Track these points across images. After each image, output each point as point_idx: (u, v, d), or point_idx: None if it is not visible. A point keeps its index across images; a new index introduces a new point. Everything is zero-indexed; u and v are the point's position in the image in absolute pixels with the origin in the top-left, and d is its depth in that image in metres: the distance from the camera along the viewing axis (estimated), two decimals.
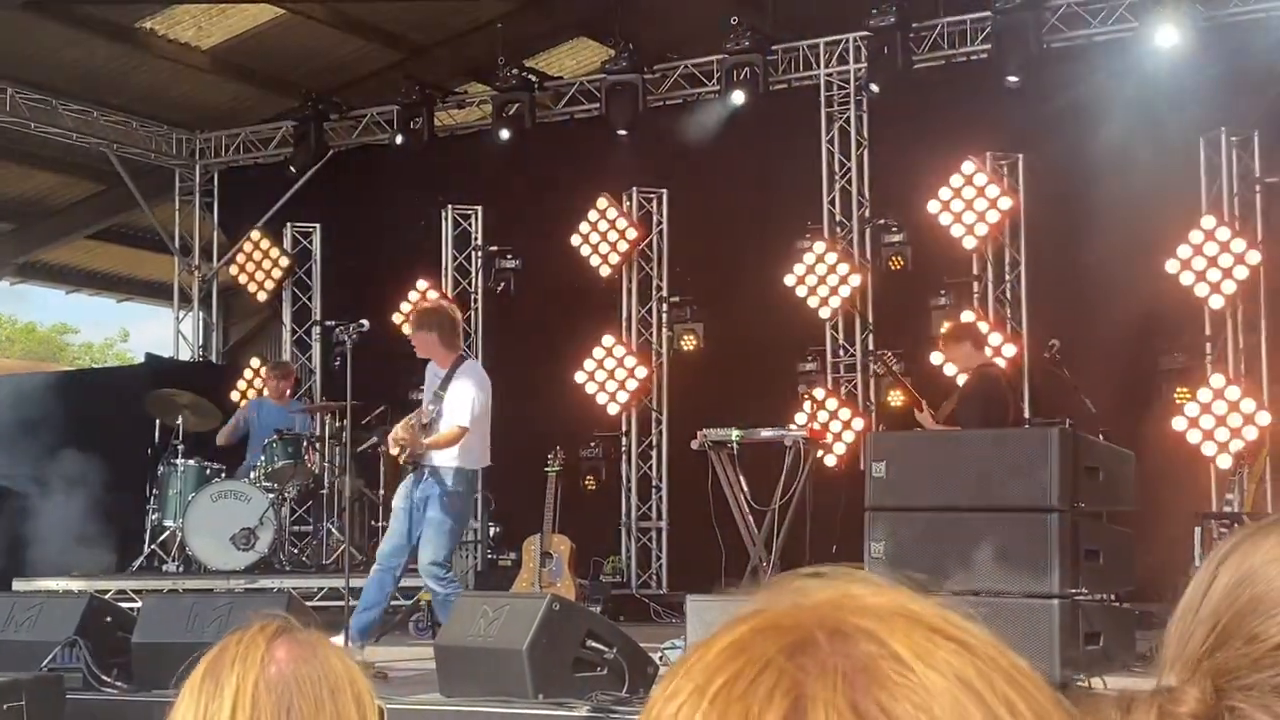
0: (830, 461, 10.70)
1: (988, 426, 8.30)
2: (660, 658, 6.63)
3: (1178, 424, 9.87)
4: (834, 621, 0.73)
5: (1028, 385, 10.78)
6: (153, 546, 11.15)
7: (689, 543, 10.95)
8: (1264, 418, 9.75)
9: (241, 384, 13.29)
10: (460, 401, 7.81)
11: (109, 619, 6.93)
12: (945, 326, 9.76)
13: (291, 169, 13.63)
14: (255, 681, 1.78)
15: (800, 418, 10.74)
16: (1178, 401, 9.97)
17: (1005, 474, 5.77)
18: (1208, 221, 10.01)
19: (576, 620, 6.22)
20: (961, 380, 8.95)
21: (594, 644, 6.06)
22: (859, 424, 11.06)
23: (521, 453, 11.05)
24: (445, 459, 7.86)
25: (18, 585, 10.15)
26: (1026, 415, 10.67)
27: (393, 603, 10.13)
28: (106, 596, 8.54)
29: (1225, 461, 9.80)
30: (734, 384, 10.94)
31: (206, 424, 11.88)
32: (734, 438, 8.66)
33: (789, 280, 11.32)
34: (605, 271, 11.95)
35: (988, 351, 9.67)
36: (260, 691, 1.77)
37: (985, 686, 0.71)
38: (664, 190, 12.07)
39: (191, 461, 11.23)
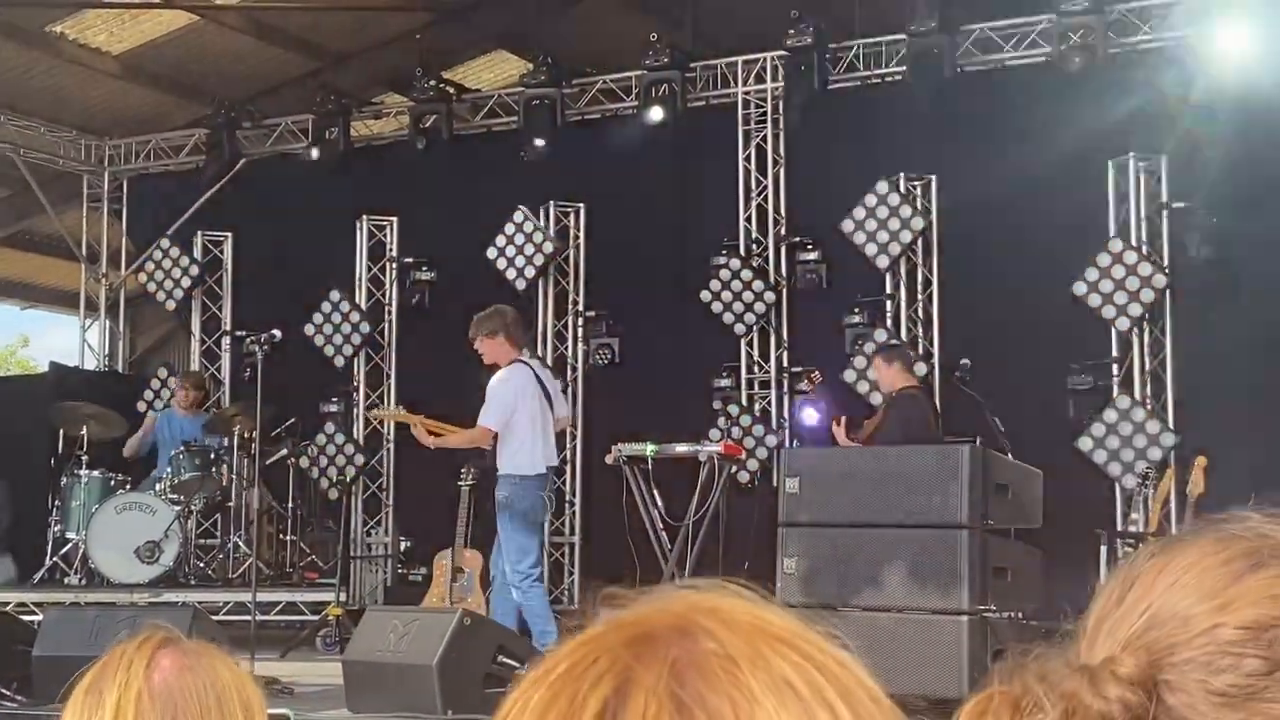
0: (744, 478, 10.74)
1: (903, 436, 8.41)
2: None
3: (1084, 444, 10.02)
4: (681, 621, 0.74)
5: (939, 404, 10.89)
6: (55, 559, 10.93)
7: (602, 558, 10.92)
8: (1168, 439, 9.92)
9: (149, 394, 13.06)
10: (486, 403, 8.06)
11: (9, 631, 6.77)
12: (883, 345, 9.75)
13: (203, 177, 13.44)
14: (138, 692, 1.76)
15: (715, 433, 10.77)
16: (1085, 422, 10.12)
17: (916, 491, 5.81)
18: (1115, 245, 10.18)
19: (487, 635, 6.19)
20: (876, 399, 9.02)
21: (505, 659, 6.03)
22: (772, 440, 11.11)
23: (434, 466, 10.97)
24: (502, 467, 8.12)
25: None
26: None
27: (299, 618, 10.03)
28: (7, 609, 8.35)
29: (1130, 481, 9.96)
30: (649, 399, 10.94)
31: (111, 434, 11.68)
32: (649, 452, 8.63)
33: (705, 296, 11.36)
34: (521, 285, 11.91)
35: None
36: (144, 702, 1.74)
37: (814, 696, 0.72)
38: (581, 204, 12.06)
39: (96, 473, 11.03)
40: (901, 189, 10.94)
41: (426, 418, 8.73)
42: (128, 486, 10.96)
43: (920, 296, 11.12)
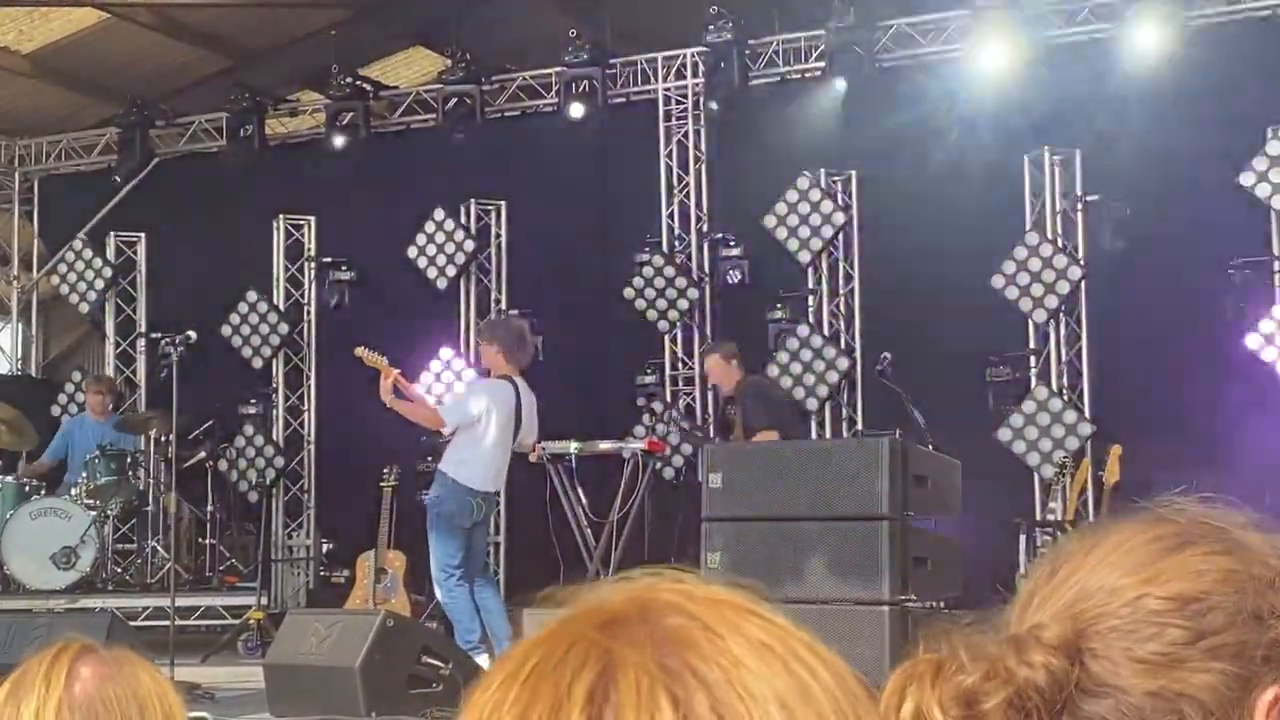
0: (669, 474, 10.75)
1: (774, 418, 8.52)
2: None
3: (1003, 435, 10.13)
4: (644, 600, 0.75)
5: (860, 398, 10.97)
6: None
7: (526, 556, 10.88)
8: (1085, 429, 10.05)
9: (63, 398, 12.83)
10: (456, 398, 8.31)
11: None
12: (718, 348, 9.65)
13: (116, 177, 13.22)
14: (58, 701, 1.72)
15: (640, 430, 10.76)
16: (1004, 413, 10.23)
17: (837, 483, 5.84)
18: (1031, 238, 10.30)
19: (411, 636, 6.14)
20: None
21: (429, 660, 5.98)
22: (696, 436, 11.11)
23: (356, 467, 10.88)
24: (444, 465, 8.16)
25: None
26: (859, 427, 10.87)
27: (220, 622, 9.91)
28: None
29: (1048, 471, 10.08)
30: (572, 397, 10.90)
31: (25, 443, 11.48)
32: (572, 450, 8.62)
33: (628, 294, 11.34)
34: (443, 284, 11.83)
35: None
36: (64, 711, 1.70)
37: (788, 653, 0.74)
38: (502, 202, 12.01)
39: (9, 478, 10.82)
40: (823, 184, 10.99)
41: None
42: (43, 492, 10.76)
43: (842, 291, 11.18)
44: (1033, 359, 10.45)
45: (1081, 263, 10.26)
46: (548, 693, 0.72)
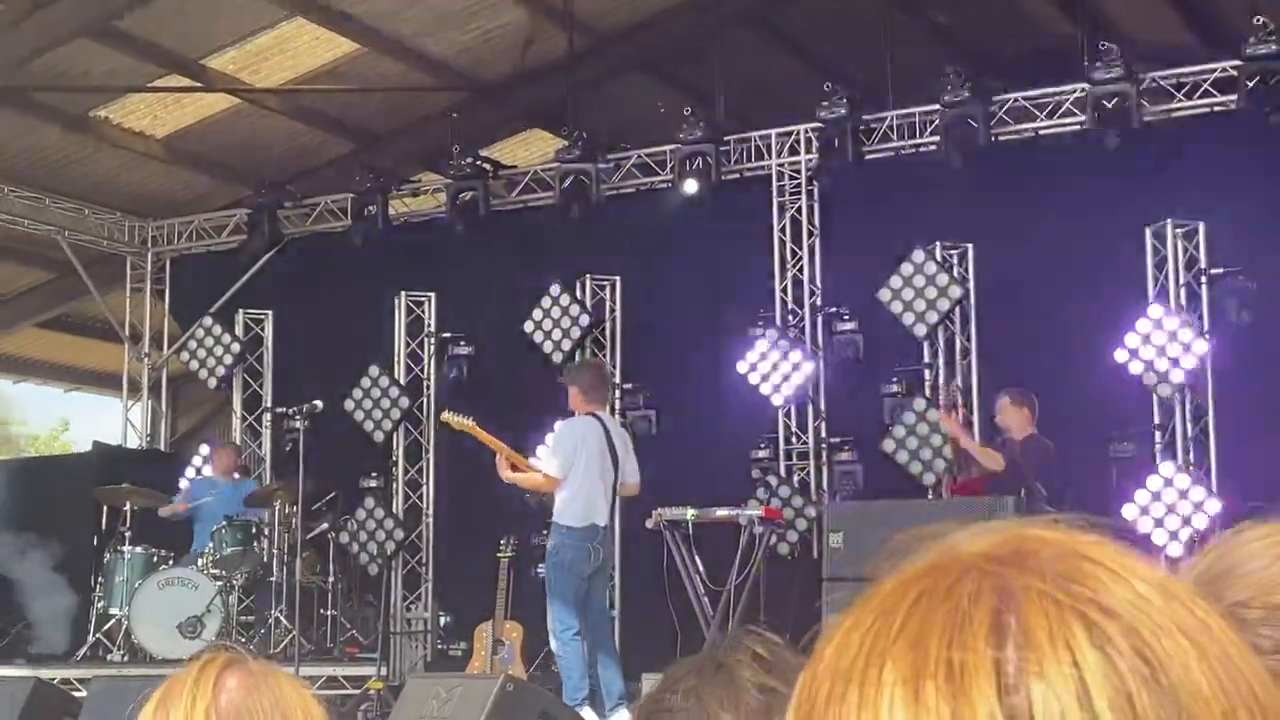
0: (783, 550, 10.68)
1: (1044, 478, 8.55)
2: None
3: (1129, 512, 9.93)
4: (1021, 540, 0.70)
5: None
6: (97, 635, 10.94)
7: (642, 623, 10.85)
8: (1213, 505, 9.83)
9: (190, 471, 13.14)
10: (550, 449, 8.50)
11: (55, 703, 6.79)
12: (1009, 392, 9.70)
13: (244, 256, 13.62)
14: (206, 711, 1.77)
15: (755, 502, 10.73)
16: (1128, 489, 10.04)
17: None
18: (1155, 311, 10.16)
19: (530, 700, 6.16)
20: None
21: None
22: (812, 512, 11.04)
23: (473, 540, 10.98)
24: (555, 515, 8.42)
25: None
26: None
27: (341, 692, 10.01)
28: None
29: (1175, 549, 9.85)
30: (688, 469, 10.91)
31: (154, 503, 11.76)
32: (689, 517, 8.63)
33: (742, 368, 11.37)
34: (558, 358, 11.95)
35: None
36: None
37: (1185, 595, 0.70)
38: (616, 277, 12.14)
39: (139, 549, 11.08)
40: (938, 257, 10.95)
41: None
42: (170, 562, 10.99)
43: (959, 365, 11.10)
44: (1157, 434, 10.26)
45: (1208, 336, 10.09)
46: (942, 618, 0.67)
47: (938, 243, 10.97)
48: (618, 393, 11.96)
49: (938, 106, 11.17)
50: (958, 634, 0.66)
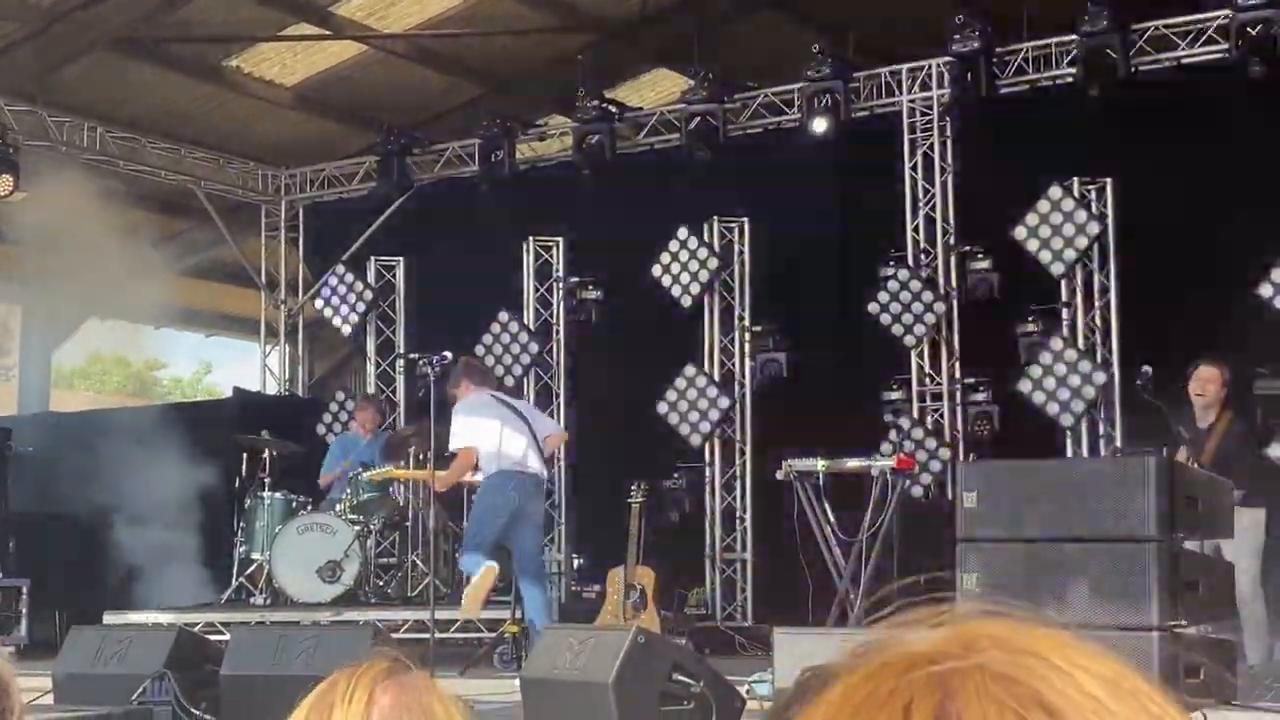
0: (916, 493, 10.56)
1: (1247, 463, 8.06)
2: (746, 690, 6.55)
3: (1273, 452, 9.62)
4: (969, 639, 0.72)
5: (1118, 414, 10.58)
6: (240, 579, 11.23)
7: (774, 574, 10.84)
8: None
9: (327, 417, 13.38)
10: (452, 433, 9.10)
11: (197, 652, 6.97)
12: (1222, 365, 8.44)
13: (375, 203, 13.75)
14: None
15: (887, 447, 10.61)
16: (1273, 428, 9.71)
17: (1100, 504, 5.64)
18: None
19: (662, 653, 6.16)
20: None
21: (680, 677, 6.00)
22: (945, 454, 10.90)
23: (605, 485, 11.02)
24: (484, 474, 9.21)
25: (108, 618, 10.25)
26: (1118, 445, 10.48)
27: (476, 635, 10.15)
28: (195, 629, 8.61)
29: None
30: (818, 413, 10.81)
31: (291, 450, 12.01)
32: (820, 468, 8.55)
33: (873, 308, 11.20)
34: (687, 301, 11.91)
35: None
36: None
37: (1138, 691, 0.71)
38: (745, 219, 12.02)
39: (278, 494, 11.32)
40: (1075, 193, 10.66)
41: (413, 468, 10.73)
42: (309, 508, 11.22)
43: (1098, 304, 10.82)
44: None
45: None
46: None
47: (1075, 178, 10.67)
48: (746, 335, 11.89)
49: (1074, 37, 10.82)
50: None
